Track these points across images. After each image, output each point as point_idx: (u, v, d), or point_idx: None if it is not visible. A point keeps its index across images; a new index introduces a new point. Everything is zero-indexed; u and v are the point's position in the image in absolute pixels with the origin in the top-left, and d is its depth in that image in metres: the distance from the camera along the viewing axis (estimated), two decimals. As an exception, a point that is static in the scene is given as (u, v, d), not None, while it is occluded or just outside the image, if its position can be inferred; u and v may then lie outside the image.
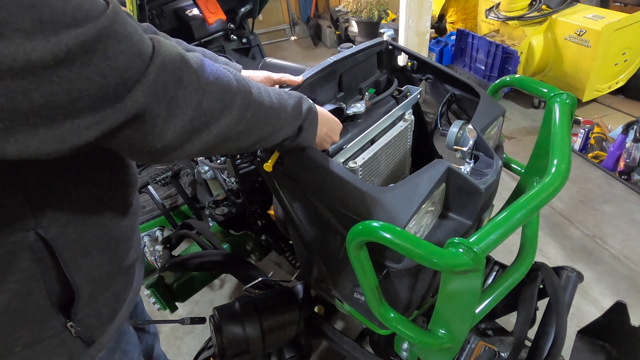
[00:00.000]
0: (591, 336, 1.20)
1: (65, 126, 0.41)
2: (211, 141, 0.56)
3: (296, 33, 5.90)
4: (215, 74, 0.55)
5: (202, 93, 0.52)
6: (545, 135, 1.01)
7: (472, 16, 4.29)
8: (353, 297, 0.99)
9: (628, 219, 2.34)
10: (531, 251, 1.04)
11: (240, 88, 0.60)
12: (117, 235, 0.68)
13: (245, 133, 0.62)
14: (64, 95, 0.39)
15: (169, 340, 1.96)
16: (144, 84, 0.44)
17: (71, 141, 0.42)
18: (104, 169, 0.64)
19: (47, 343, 0.62)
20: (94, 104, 0.41)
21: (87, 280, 0.63)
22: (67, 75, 0.38)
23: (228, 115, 0.57)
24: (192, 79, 0.51)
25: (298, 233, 1.01)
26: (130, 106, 0.44)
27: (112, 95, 0.42)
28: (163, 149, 0.51)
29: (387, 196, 0.82)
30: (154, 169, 2.24)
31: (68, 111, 0.40)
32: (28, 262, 0.56)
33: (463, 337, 0.84)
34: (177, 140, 0.51)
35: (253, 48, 2.37)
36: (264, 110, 0.65)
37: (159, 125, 0.48)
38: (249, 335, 1.18)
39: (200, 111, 0.52)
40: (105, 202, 0.64)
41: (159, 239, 1.75)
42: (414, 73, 1.31)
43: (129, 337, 0.85)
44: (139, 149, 0.50)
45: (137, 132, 0.47)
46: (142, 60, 0.44)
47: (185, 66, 0.50)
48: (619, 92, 3.44)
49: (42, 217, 0.55)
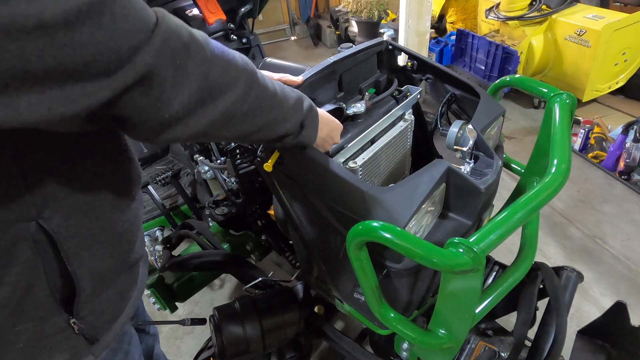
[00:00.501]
0: (591, 336, 1.20)
1: (77, 87, 0.41)
2: (216, 117, 0.56)
3: (296, 33, 5.90)
4: (220, 49, 0.56)
5: (209, 64, 0.53)
6: (545, 135, 1.01)
7: (472, 16, 4.29)
8: (353, 297, 0.99)
9: (628, 219, 2.34)
10: (531, 251, 1.04)
11: (245, 66, 0.60)
12: (119, 229, 0.67)
13: (250, 115, 0.63)
14: (76, 57, 0.39)
15: (169, 340, 1.96)
16: (152, 46, 0.45)
17: (84, 101, 0.42)
18: (106, 159, 0.64)
19: (50, 340, 0.62)
20: (105, 67, 0.42)
21: (90, 275, 0.63)
22: (79, 37, 0.39)
23: (234, 90, 0.58)
24: (198, 49, 0.51)
25: (298, 233, 1.01)
26: (139, 65, 0.44)
27: (122, 57, 0.43)
28: (170, 120, 0.51)
29: (387, 196, 0.82)
30: (154, 169, 2.25)
31: (80, 73, 0.41)
32: (30, 253, 0.55)
33: (463, 337, 0.84)
34: (184, 110, 0.51)
35: (253, 48, 2.37)
36: (268, 95, 0.65)
37: (167, 92, 0.48)
38: (249, 335, 1.18)
39: (206, 82, 0.53)
40: (107, 194, 0.64)
41: (159, 239, 1.75)
42: (414, 73, 1.31)
43: (131, 337, 0.85)
44: (147, 118, 0.50)
45: (146, 96, 0.47)
46: (147, 26, 0.45)
47: (191, 36, 0.51)
48: (619, 92, 3.44)
49: (43, 208, 0.55)
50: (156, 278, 1.55)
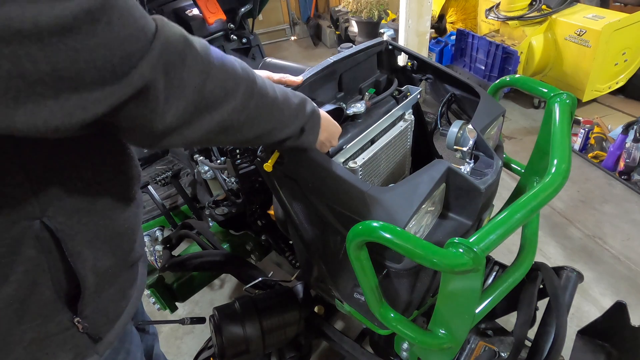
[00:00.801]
0: (591, 336, 1.20)
1: (72, 99, 0.41)
2: (212, 128, 0.56)
3: (296, 33, 5.90)
4: (220, 59, 0.56)
5: (205, 76, 0.53)
6: (545, 135, 1.01)
7: (472, 16, 4.29)
8: (353, 297, 0.99)
9: (628, 219, 2.34)
10: (531, 251, 1.04)
11: (245, 77, 0.60)
12: (120, 228, 0.68)
13: (248, 125, 0.62)
14: (71, 65, 0.39)
15: (169, 340, 1.96)
16: (149, 58, 0.44)
17: (79, 115, 0.42)
18: (106, 159, 0.64)
19: (55, 339, 0.62)
20: (101, 78, 0.42)
21: (93, 273, 0.63)
22: (73, 44, 0.38)
23: (231, 102, 0.57)
24: (196, 60, 0.51)
25: (298, 233, 1.01)
26: (137, 79, 0.44)
27: (118, 69, 0.42)
28: (164, 131, 0.51)
29: (387, 196, 0.82)
30: (154, 169, 2.25)
31: (76, 83, 0.40)
32: (34, 252, 0.56)
33: (463, 337, 0.84)
34: (178, 122, 0.51)
35: (253, 48, 2.37)
36: (268, 104, 0.65)
37: (161, 105, 0.48)
38: (249, 335, 1.18)
39: (202, 95, 0.53)
40: (108, 193, 0.65)
41: (159, 239, 1.75)
42: (414, 73, 1.31)
43: (133, 337, 0.86)
44: (141, 128, 0.50)
45: (141, 108, 0.47)
46: (146, 36, 0.44)
47: (189, 47, 0.50)
48: (619, 92, 3.44)
49: (47, 206, 0.55)
50: (156, 278, 1.55)
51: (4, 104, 0.38)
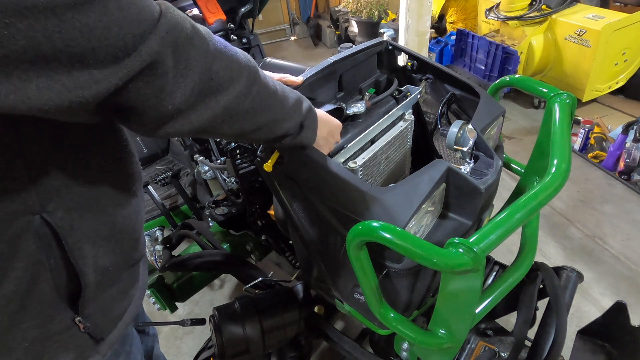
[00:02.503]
0: (591, 336, 1.20)
1: (84, 73, 0.42)
2: (218, 112, 0.57)
3: (296, 33, 5.90)
4: (223, 44, 0.57)
5: (212, 57, 0.53)
6: (545, 135, 1.01)
7: (472, 16, 4.29)
8: (353, 297, 0.99)
9: (628, 219, 2.34)
10: (531, 251, 1.04)
11: (248, 63, 0.61)
12: (121, 226, 0.68)
13: (251, 112, 0.63)
14: (84, 41, 0.40)
15: (169, 340, 1.96)
16: (157, 34, 0.46)
17: (92, 88, 0.43)
18: (107, 154, 0.65)
19: (56, 338, 0.62)
20: (112, 53, 0.43)
21: (94, 270, 0.63)
22: (86, 20, 0.40)
23: (236, 86, 0.58)
24: (201, 42, 0.52)
25: (298, 233, 1.01)
26: (145, 53, 0.45)
27: (129, 44, 0.44)
28: (172, 112, 0.52)
29: (387, 196, 0.82)
30: (154, 169, 2.25)
31: (88, 59, 0.41)
32: (34, 248, 0.55)
33: (463, 337, 0.84)
34: (186, 103, 0.52)
35: (253, 48, 2.37)
36: (269, 93, 0.66)
37: (170, 82, 0.49)
38: (249, 335, 1.18)
39: (209, 75, 0.53)
40: (109, 188, 0.65)
41: (159, 239, 1.75)
42: (414, 73, 1.31)
43: (133, 338, 0.85)
44: (150, 109, 0.50)
45: (150, 86, 0.48)
46: (152, 15, 0.46)
47: (194, 29, 0.51)
48: (619, 92, 3.44)
49: (47, 201, 0.55)
50: (156, 278, 1.55)
51: (16, 77, 0.38)
